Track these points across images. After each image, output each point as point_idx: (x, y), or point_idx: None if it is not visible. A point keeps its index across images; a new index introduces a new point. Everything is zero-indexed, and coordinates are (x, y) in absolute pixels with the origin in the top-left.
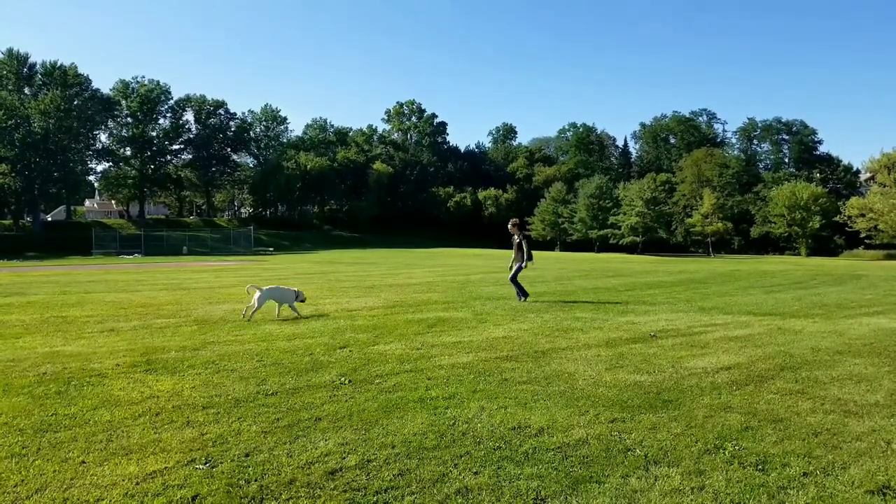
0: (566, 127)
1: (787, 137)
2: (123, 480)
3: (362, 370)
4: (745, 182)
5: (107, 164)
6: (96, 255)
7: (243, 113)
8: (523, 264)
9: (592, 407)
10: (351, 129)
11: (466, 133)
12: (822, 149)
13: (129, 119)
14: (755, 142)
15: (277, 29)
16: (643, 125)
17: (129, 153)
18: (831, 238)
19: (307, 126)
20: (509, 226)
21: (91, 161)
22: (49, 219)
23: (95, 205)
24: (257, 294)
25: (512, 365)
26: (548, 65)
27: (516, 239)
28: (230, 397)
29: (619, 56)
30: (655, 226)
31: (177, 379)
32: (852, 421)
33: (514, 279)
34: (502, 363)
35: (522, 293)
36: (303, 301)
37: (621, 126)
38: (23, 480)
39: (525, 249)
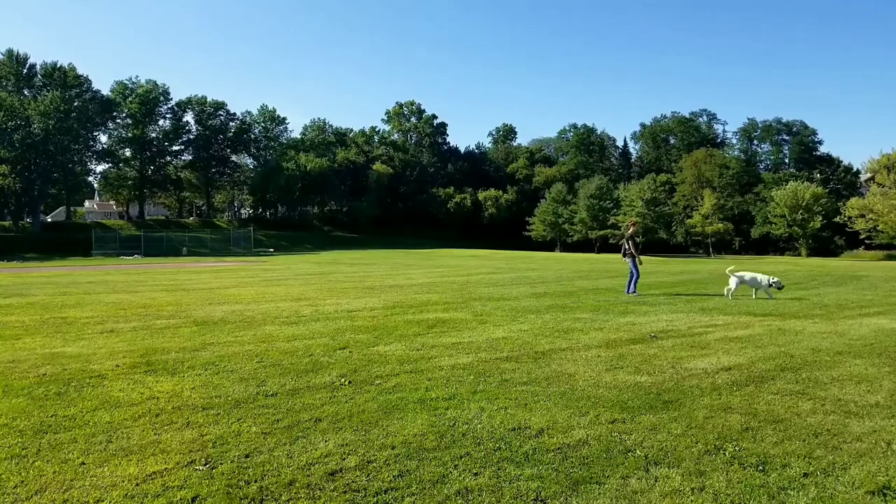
0: (566, 127)
1: (787, 138)
2: (123, 481)
3: (362, 371)
4: (746, 183)
5: (107, 165)
6: (96, 255)
7: (242, 114)
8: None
9: (593, 408)
10: (351, 129)
11: (466, 134)
12: (823, 149)
13: (128, 120)
14: (755, 142)
15: (277, 30)
16: (643, 126)
17: (128, 154)
18: (831, 239)
19: (306, 127)
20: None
21: (91, 162)
22: (49, 219)
23: (95, 205)
24: (734, 280)
25: (512, 366)
26: (548, 65)
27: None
28: (230, 398)
29: (619, 56)
30: (656, 226)
31: (177, 380)
32: (853, 422)
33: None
34: (502, 364)
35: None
36: (780, 288)
37: (621, 127)
38: (23, 482)
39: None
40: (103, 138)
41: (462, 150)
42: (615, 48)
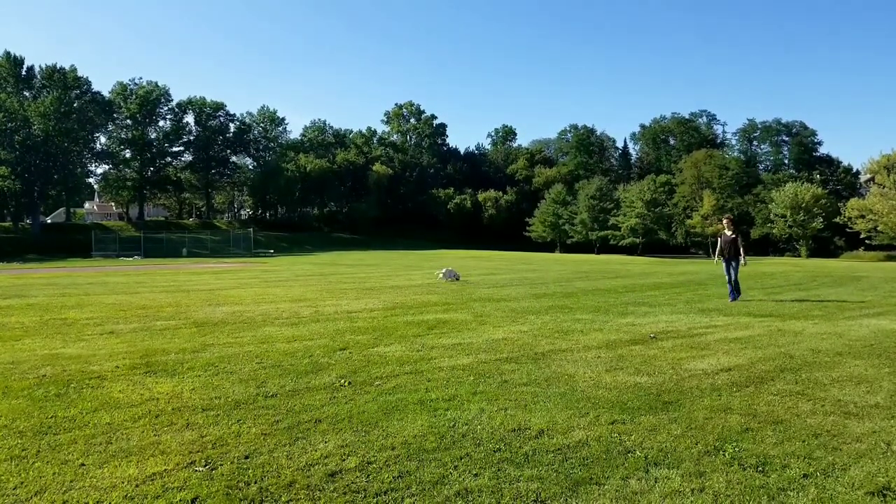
0: (566, 128)
1: (786, 139)
2: (123, 483)
3: (362, 372)
4: (745, 183)
5: (106, 167)
6: (96, 256)
7: (242, 115)
8: (742, 261)
9: (592, 409)
10: (350, 130)
11: (466, 135)
12: (822, 150)
13: (128, 121)
14: (755, 143)
15: (277, 31)
16: (643, 126)
17: (128, 155)
18: (831, 239)
19: (306, 128)
20: (725, 221)
21: (91, 163)
22: (49, 221)
23: (95, 207)
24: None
25: (512, 367)
26: (547, 66)
27: (730, 234)
28: (230, 399)
29: (619, 57)
30: (655, 227)
31: (176, 381)
32: (852, 422)
33: (735, 278)
34: (502, 365)
35: (736, 291)
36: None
37: (621, 127)
38: (22, 483)
39: (740, 246)
40: (103, 139)
41: (462, 151)
42: (615, 49)
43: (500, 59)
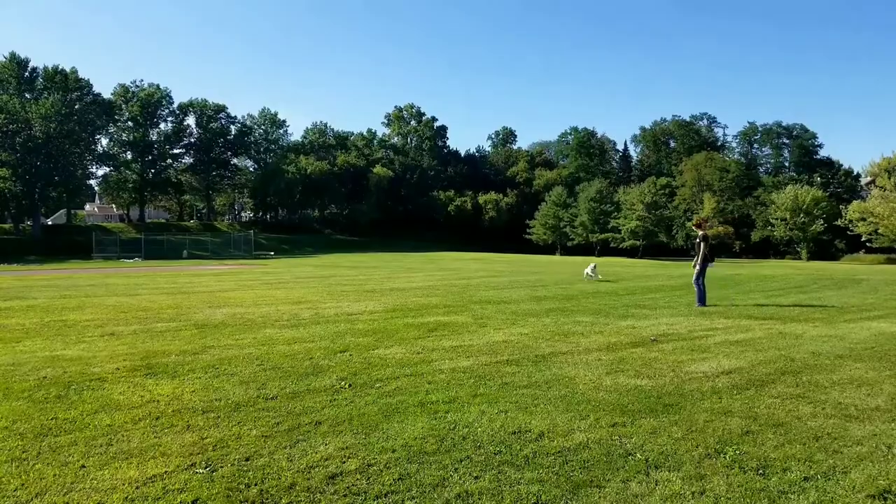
0: (567, 131)
1: (787, 141)
2: (124, 484)
3: (362, 374)
4: (746, 186)
5: (107, 169)
6: (96, 258)
7: (243, 117)
8: (696, 265)
9: (593, 411)
10: (351, 133)
11: (466, 137)
12: (823, 153)
13: (129, 123)
14: (755, 146)
15: (278, 33)
16: (643, 129)
17: (129, 157)
18: (832, 242)
19: (307, 130)
20: (692, 224)
21: (92, 165)
22: (49, 222)
23: (96, 208)
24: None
25: (512, 369)
26: (548, 68)
27: (699, 236)
28: (230, 401)
29: (620, 59)
30: (656, 230)
31: (177, 383)
32: (853, 425)
33: (696, 280)
34: (503, 367)
35: (701, 299)
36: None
37: (621, 130)
38: (23, 484)
39: (700, 250)
40: (104, 141)
41: (462, 153)
42: (615, 51)
43: (501, 61)
